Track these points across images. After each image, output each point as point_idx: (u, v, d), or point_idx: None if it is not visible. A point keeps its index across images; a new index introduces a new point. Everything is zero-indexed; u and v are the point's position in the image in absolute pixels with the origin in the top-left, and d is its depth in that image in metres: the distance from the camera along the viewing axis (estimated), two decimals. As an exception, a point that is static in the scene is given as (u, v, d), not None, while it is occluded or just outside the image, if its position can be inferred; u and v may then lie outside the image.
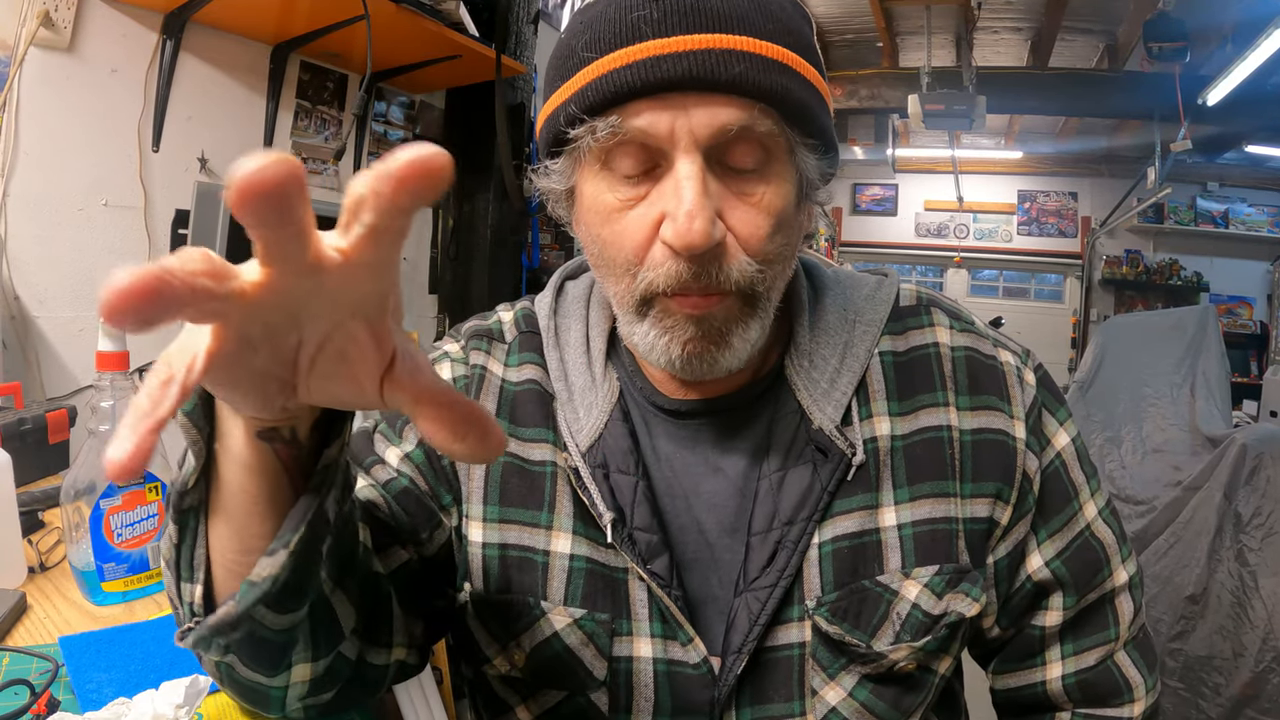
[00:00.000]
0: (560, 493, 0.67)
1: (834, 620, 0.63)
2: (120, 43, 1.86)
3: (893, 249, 9.06)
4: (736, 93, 0.54)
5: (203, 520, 0.49)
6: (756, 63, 0.54)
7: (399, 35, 2.12)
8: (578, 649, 0.65)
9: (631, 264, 0.58)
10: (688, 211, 0.54)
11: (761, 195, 0.58)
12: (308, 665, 0.58)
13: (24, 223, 1.72)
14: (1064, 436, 0.71)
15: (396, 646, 0.66)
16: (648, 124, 0.55)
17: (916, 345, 0.70)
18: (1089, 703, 0.74)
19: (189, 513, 0.49)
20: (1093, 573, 0.71)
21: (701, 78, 0.53)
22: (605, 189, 0.59)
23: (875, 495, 0.65)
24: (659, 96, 0.54)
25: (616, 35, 0.55)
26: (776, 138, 0.57)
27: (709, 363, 0.60)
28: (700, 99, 0.54)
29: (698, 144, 0.55)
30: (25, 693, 0.66)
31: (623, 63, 0.55)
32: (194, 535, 0.49)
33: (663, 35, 0.54)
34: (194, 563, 0.50)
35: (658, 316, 0.59)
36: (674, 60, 0.53)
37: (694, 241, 0.54)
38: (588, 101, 0.56)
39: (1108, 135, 7.18)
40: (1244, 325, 7.71)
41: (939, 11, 5.07)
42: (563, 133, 0.59)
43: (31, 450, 1.27)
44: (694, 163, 0.55)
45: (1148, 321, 3.39)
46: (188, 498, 0.48)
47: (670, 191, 0.56)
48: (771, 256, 0.59)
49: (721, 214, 0.57)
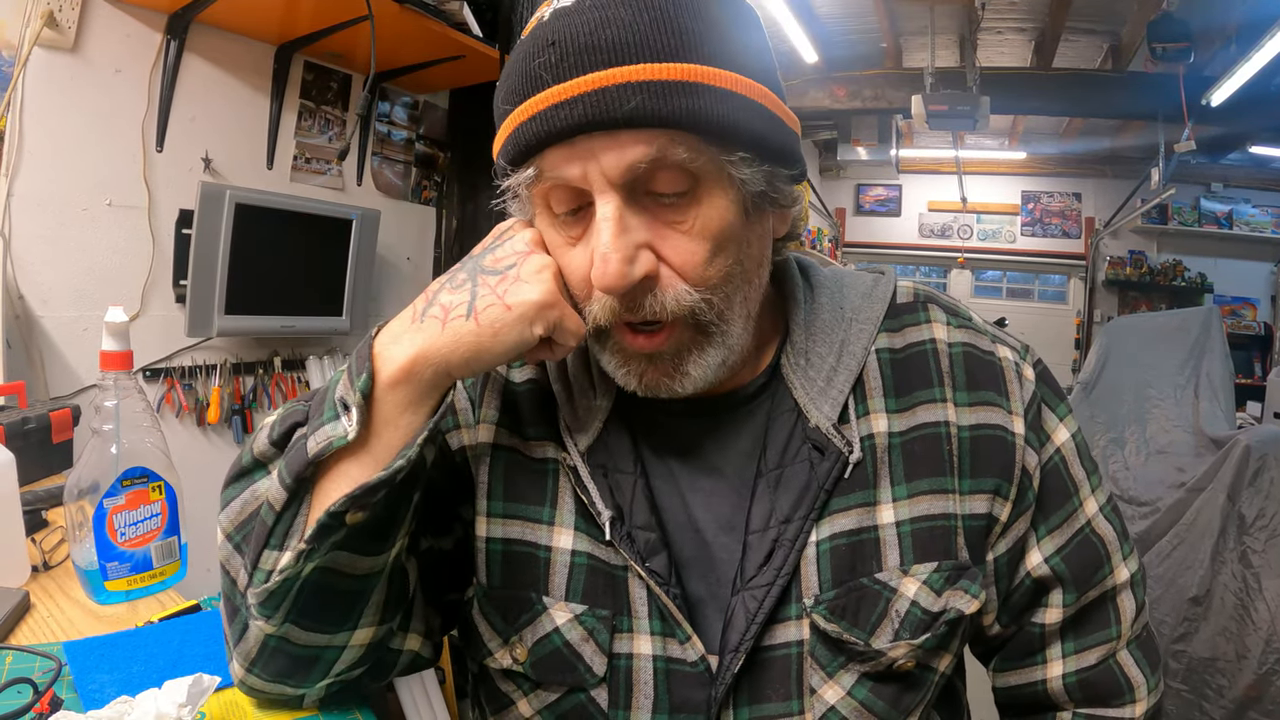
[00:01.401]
0: (562, 489, 0.68)
1: (832, 618, 0.63)
2: (124, 43, 1.86)
3: (896, 250, 9.04)
4: (638, 126, 0.53)
5: (310, 490, 0.59)
6: (655, 90, 0.52)
7: (403, 35, 2.12)
8: (578, 645, 0.66)
9: (581, 297, 0.61)
10: (603, 255, 0.55)
11: (692, 221, 0.57)
12: (372, 629, 0.64)
13: (28, 222, 1.73)
14: (1064, 432, 0.71)
15: (413, 634, 0.70)
16: (562, 171, 0.56)
17: (914, 342, 0.70)
18: (1090, 702, 0.73)
19: (306, 482, 0.58)
20: (1093, 570, 0.71)
21: (598, 120, 0.53)
22: (550, 228, 0.61)
23: (873, 492, 0.65)
24: (567, 143, 0.55)
25: (523, 85, 0.56)
26: (696, 161, 0.55)
27: (668, 390, 0.62)
28: (606, 139, 0.54)
29: (611, 184, 0.55)
30: (28, 691, 0.66)
31: (529, 115, 0.55)
32: (299, 503, 0.59)
33: (561, 80, 0.53)
34: (291, 530, 0.59)
35: (613, 349, 0.62)
36: (570, 106, 0.53)
37: (610, 284, 0.55)
38: (509, 154, 0.58)
39: (1111, 136, 7.15)
40: (1248, 326, 7.68)
41: (942, 12, 5.06)
42: (500, 183, 0.62)
43: (35, 449, 1.28)
44: (609, 203, 0.55)
45: (1152, 322, 3.38)
46: (316, 462, 0.58)
47: (594, 232, 0.57)
48: (714, 280, 0.58)
49: (653, 245, 0.57)
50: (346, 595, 0.61)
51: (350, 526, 0.57)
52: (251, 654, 0.63)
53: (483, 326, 0.58)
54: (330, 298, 2.33)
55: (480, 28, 2.33)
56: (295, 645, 0.62)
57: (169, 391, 2.07)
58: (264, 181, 2.24)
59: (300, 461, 0.58)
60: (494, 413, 0.71)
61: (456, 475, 0.71)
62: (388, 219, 2.51)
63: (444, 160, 2.91)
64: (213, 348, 2.16)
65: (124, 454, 0.91)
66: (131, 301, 1.95)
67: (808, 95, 6.04)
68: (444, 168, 2.92)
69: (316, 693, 0.67)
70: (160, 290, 2.01)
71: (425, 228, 2.90)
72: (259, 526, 0.60)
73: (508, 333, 0.58)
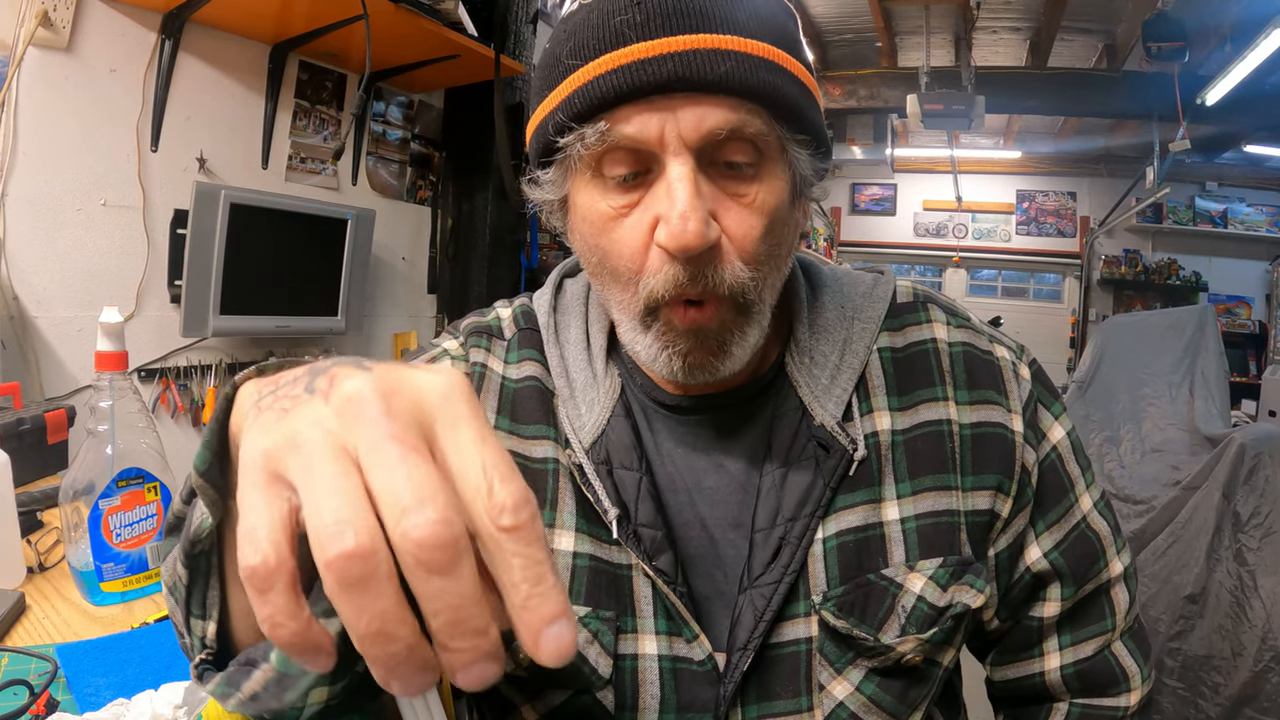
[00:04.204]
0: (563, 490, 0.67)
1: (841, 614, 0.63)
2: (119, 43, 1.86)
3: (891, 249, 9.06)
4: (724, 92, 0.54)
5: (214, 564, 0.48)
6: (743, 61, 0.54)
7: (398, 35, 2.12)
8: (583, 647, 0.65)
9: (632, 272, 0.59)
10: (681, 213, 0.54)
11: (754, 195, 0.57)
12: (325, 689, 0.55)
13: (23, 223, 1.72)
14: (1059, 430, 0.72)
15: None
16: (636, 129, 0.55)
17: (914, 341, 0.70)
18: (1087, 692, 0.74)
19: (200, 558, 0.48)
20: (1089, 564, 0.72)
21: (688, 79, 0.53)
22: (599, 197, 0.59)
23: (878, 490, 0.65)
24: (646, 100, 0.54)
25: (600, 41, 0.55)
26: (767, 137, 0.56)
27: (710, 372, 0.61)
28: (688, 100, 0.54)
29: (688, 146, 0.55)
30: (24, 693, 0.66)
31: (607, 68, 0.54)
32: (205, 579, 0.48)
33: (647, 38, 0.53)
34: (206, 603, 0.49)
35: (661, 330, 0.60)
36: (659, 63, 0.53)
37: (689, 242, 0.54)
38: (575, 109, 0.56)
39: (1106, 135, 7.17)
40: (1242, 325, 7.70)
41: (938, 11, 5.07)
42: (552, 142, 0.59)
43: (30, 450, 1.27)
44: (685, 164, 0.55)
45: (1146, 321, 3.39)
46: (199, 545, 0.46)
47: (663, 194, 0.55)
48: (762, 258, 0.59)
49: (715, 215, 0.56)
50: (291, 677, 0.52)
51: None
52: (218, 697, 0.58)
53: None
54: (325, 298, 2.33)
55: (475, 27, 2.33)
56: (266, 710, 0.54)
57: (164, 392, 2.06)
58: (259, 181, 2.24)
59: (186, 546, 0.48)
60: (490, 413, 0.70)
61: None
62: (383, 218, 2.51)
63: (439, 160, 2.91)
64: (208, 348, 2.16)
65: (119, 455, 0.91)
66: (126, 302, 1.94)
67: (803, 94, 6.04)
68: (439, 167, 2.91)
69: (309, 710, 0.63)
70: (155, 290, 2.01)
71: (420, 227, 2.89)
72: (178, 593, 0.51)
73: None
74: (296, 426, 0.32)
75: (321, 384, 0.34)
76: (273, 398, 0.35)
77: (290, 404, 0.34)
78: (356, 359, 0.36)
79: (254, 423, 0.34)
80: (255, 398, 0.37)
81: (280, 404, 0.34)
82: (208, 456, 0.43)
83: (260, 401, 0.36)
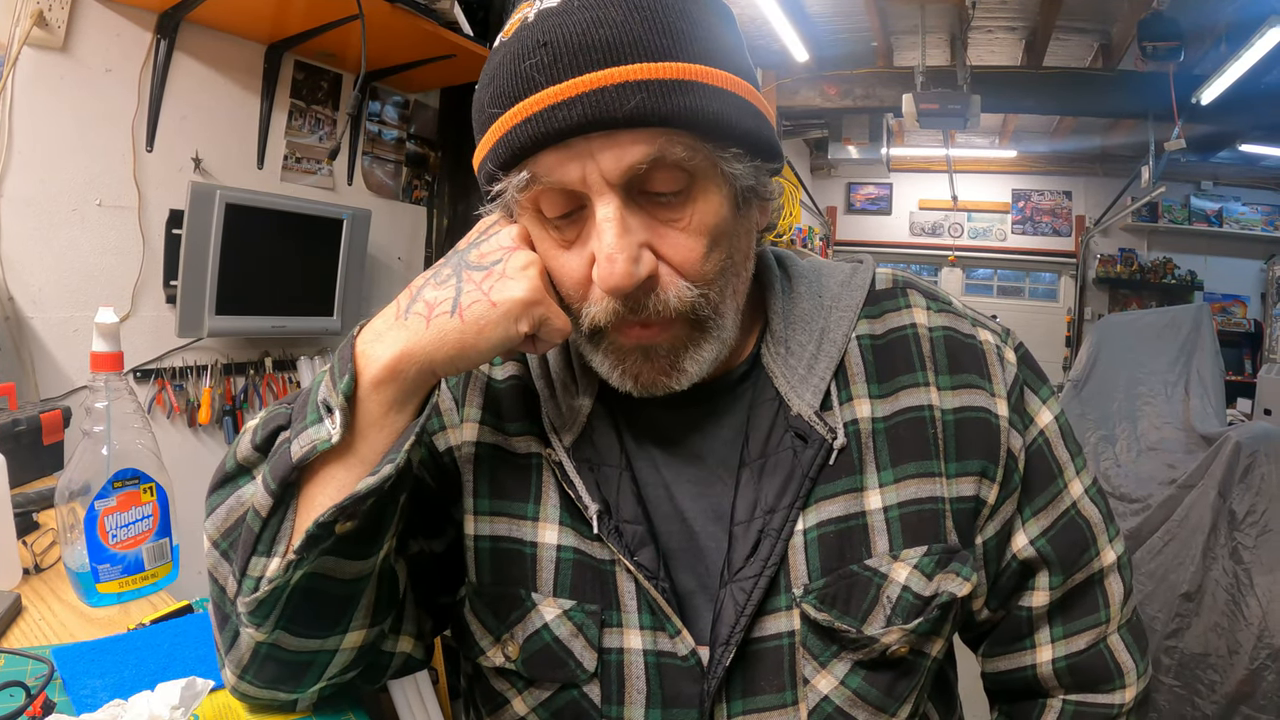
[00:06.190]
0: (547, 485, 0.68)
1: (822, 607, 0.63)
2: (114, 42, 1.85)
3: (887, 248, 9.06)
4: (639, 125, 0.53)
5: (295, 495, 0.58)
6: (655, 89, 0.52)
7: (393, 35, 2.12)
8: (567, 640, 0.66)
9: (576, 299, 0.60)
10: (608, 255, 0.55)
11: (689, 218, 0.57)
12: (363, 631, 0.64)
13: (18, 223, 1.72)
14: (1047, 414, 0.72)
15: (405, 636, 0.70)
16: (558, 175, 0.55)
17: (894, 327, 0.70)
18: (1080, 688, 0.74)
19: (291, 487, 0.58)
20: (1079, 552, 0.71)
21: (598, 119, 0.52)
22: (541, 232, 0.61)
23: (859, 478, 0.65)
24: (563, 145, 0.54)
25: (514, 88, 0.55)
26: (693, 159, 0.55)
27: (665, 388, 0.62)
28: (604, 139, 0.53)
29: (610, 185, 0.55)
30: (21, 695, 0.66)
31: (522, 117, 0.54)
32: (285, 509, 0.58)
33: (555, 81, 0.53)
34: (278, 536, 0.58)
35: (608, 349, 0.62)
36: (569, 106, 0.52)
37: (617, 284, 0.55)
38: (500, 158, 0.57)
39: (1102, 134, 7.18)
40: (1238, 324, 7.72)
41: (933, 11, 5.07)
42: (488, 189, 0.61)
43: (26, 451, 1.27)
44: (610, 204, 0.55)
45: (1142, 320, 3.40)
46: (303, 463, 0.57)
47: (594, 234, 0.56)
48: (711, 276, 0.59)
49: (652, 245, 0.57)
50: (336, 599, 0.61)
51: (339, 535, 0.56)
52: (244, 661, 0.64)
53: (468, 323, 0.57)
54: (321, 298, 2.33)
55: (471, 27, 2.32)
56: (287, 651, 0.62)
57: (160, 392, 2.06)
58: (255, 181, 2.23)
59: (284, 467, 0.57)
60: (477, 411, 0.71)
61: (446, 477, 0.71)
62: (379, 219, 2.51)
63: (435, 159, 2.90)
64: (204, 348, 2.15)
65: (115, 455, 0.91)
66: (122, 302, 1.94)
67: (799, 94, 6.04)
68: (435, 167, 2.91)
69: (310, 697, 0.67)
70: (151, 291, 2.00)
71: (416, 227, 2.89)
72: (245, 533, 0.60)
73: (493, 330, 0.58)
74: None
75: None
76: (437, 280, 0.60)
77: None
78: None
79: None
80: (395, 310, 0.60)
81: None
82: (350, 382, 0.56)
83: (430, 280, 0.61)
